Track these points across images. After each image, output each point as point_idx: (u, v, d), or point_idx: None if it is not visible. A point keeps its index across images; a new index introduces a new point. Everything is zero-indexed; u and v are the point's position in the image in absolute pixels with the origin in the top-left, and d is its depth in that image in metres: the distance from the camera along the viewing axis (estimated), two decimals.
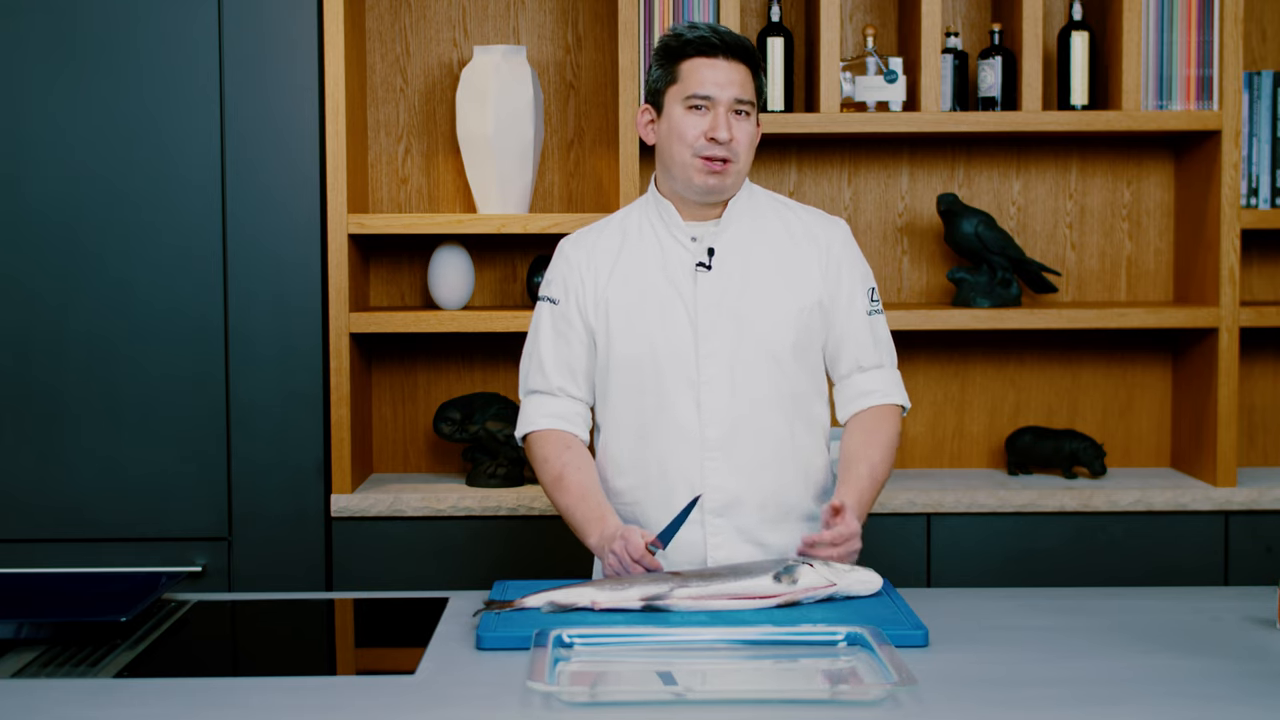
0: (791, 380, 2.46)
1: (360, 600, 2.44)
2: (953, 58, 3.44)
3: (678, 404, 2.43)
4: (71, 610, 2.23)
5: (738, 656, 1.98)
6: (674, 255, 2.47)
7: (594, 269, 2.51)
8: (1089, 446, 3.43)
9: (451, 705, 1.83)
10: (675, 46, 2.44)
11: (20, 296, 3.20)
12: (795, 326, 2.45)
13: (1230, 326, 3.32)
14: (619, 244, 2.52)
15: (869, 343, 2.51)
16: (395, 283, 3.61)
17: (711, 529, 2.44)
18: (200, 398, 3.21)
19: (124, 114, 3.19)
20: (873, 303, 2.52)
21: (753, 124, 2.44)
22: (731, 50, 2.41)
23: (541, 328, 2.54)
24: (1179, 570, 3.27)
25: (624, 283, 2.48)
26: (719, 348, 2.43)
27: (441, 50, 3.58)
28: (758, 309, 2.44)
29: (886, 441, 2.47)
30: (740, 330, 2.43)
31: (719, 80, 2.40)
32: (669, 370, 2.43)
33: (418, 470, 3.62)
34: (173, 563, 3.21)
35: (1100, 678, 1.93)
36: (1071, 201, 3.62)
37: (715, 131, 2.39)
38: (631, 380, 2.46)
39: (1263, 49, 3.61)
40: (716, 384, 2.42)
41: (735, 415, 2.43)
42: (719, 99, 2.40)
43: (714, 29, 2.42)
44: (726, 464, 2.43)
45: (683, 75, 2.42)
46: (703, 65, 2.41)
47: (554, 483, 2.48)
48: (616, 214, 2.60)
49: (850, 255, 2.52)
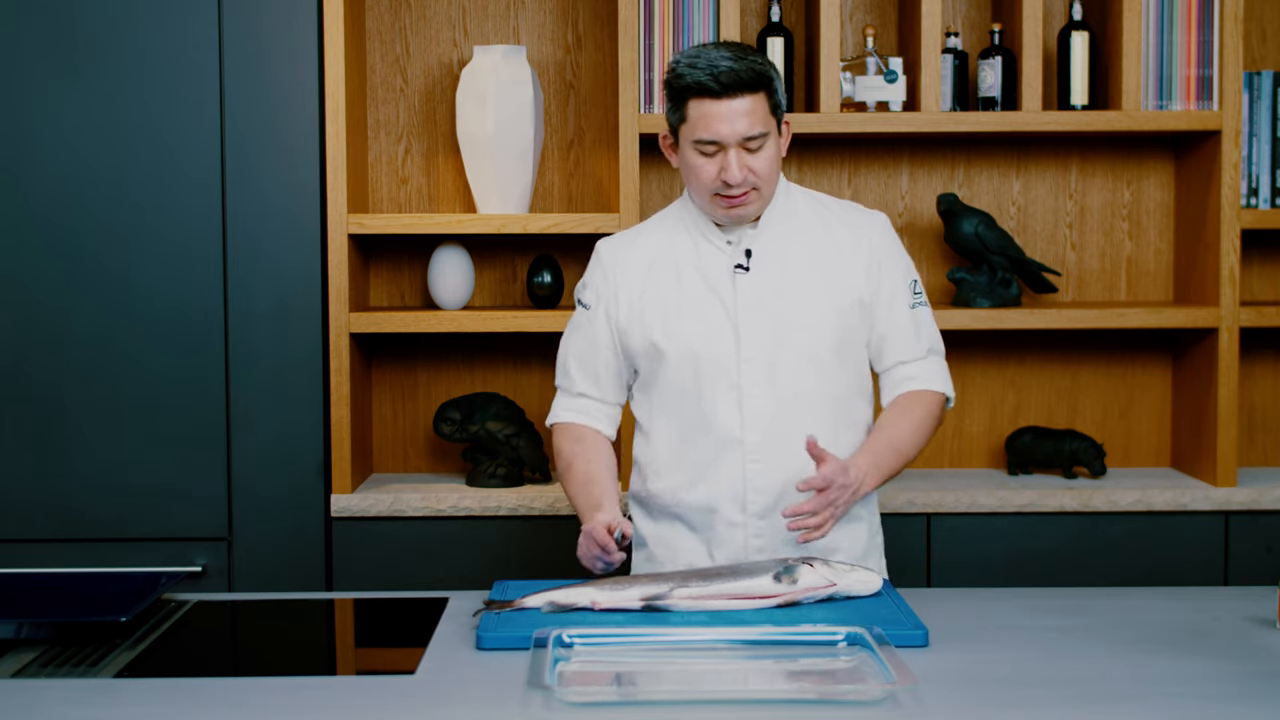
0: (833, 380, 2.44)
1: (360, 600, 2.44)
2: (953, 58, 3.44)
3: (718, 408, 2.42)
4: (71, 610, 2.23)
5: (738, 656, 1.98)
6: (711, 258, 2.45)
7: (628, 275, 2.49)
8: (1089, 446, 3.43)
9: (451, 705, 1.83)
10: (678, 87, 2.36)
11: (20, 296, 3.20)
12: (836, 326, 2.43)
13: (1230, 326, 3.32)
14: (656, 248, 2.50)
15: (912, 336, 2.49)
16: (395, 283, 3.61)
17: (753, 531, 2.43)
18: (200, 398, 3.21)
19: (124, 114, 3.19)
20: (915, 295, 2.50)
21: (771, 147, 2.37)
22: (732, 89, 2.32)
23: (572, 330, 2.56)
24: (1179, 570, 3.27)
25: (661, 287, 2.46)
26: (759, 351, 2.41)
27: (441, 50, 3.58)
28: (797, 310, 2.42)
29: (918, 418, 2.45)
30: (780, 332, 2.41)
31: (725, 121, 2.33)
32: (709, 374, 2.42)
33: (418, 470, 3.62)
34: (173, 563, 3.21)
35: (1100, 678, 1.93)
36: (1071, 201, 3.62)
37: (726, 175, 2.35)
38: (671, 385, 2.45)
39: (1263, 49, 3.61)
40: (757, 387, 2.41)
41: (776, 418, 2.41)
42: (727, 141, 2.34)
43: (713, 67, 2.31)
44: (768, 467, 2.42)
45: (690, 117, 2.36)
46: (707, 108, 2.33)
47: (564, 472, 2.51)
48: (654, 217, 2.58)
49: (890, 248, 2.50)
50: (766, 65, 2.37)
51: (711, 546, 2.47)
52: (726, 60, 2.32)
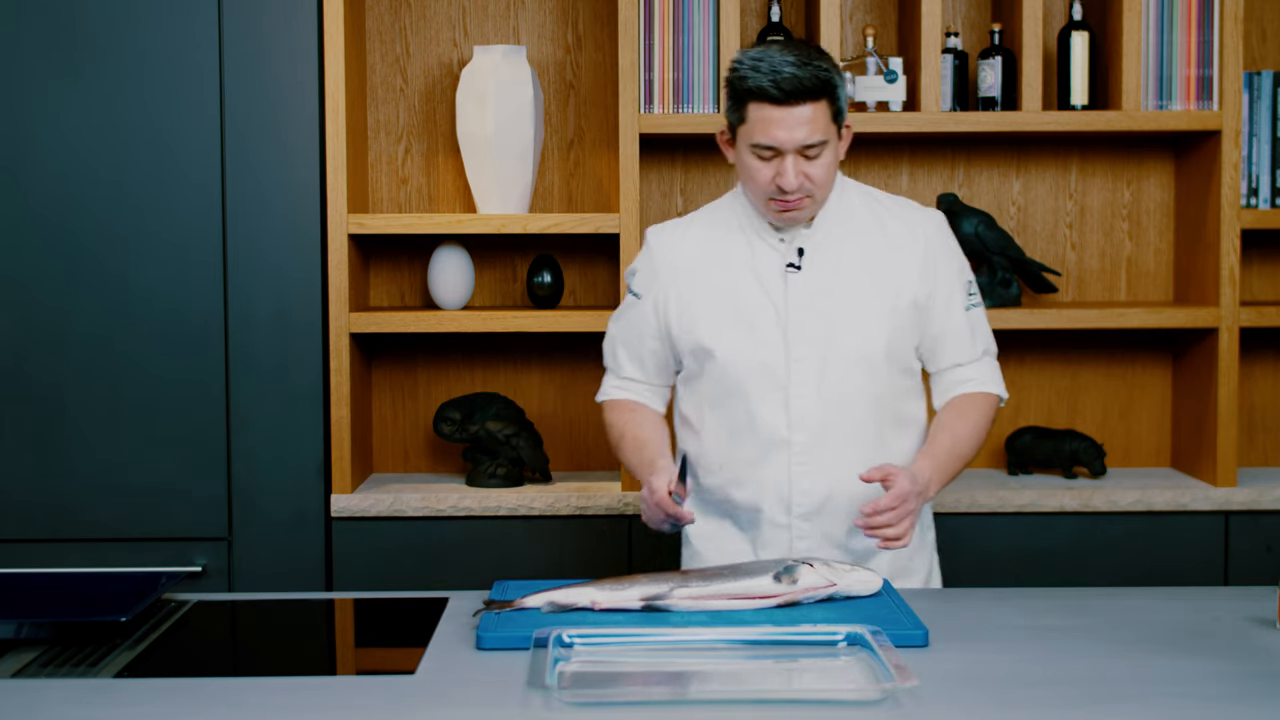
0: (883, 381, 2.43)
1: (360, 600, 2.44)
2: (953, 58, 3.44)
3: (765, 407, 2.41)
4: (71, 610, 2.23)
5: (738, 656, 1.97)
6: (763, 256, 2.44)
7: (678, 270, 2.48)
8: (1089, 446, 3.43)
9: (451, 705, 1.83)
10: (739, 89, 2.33)
11: (20, 296, 3.20)
12: (887, 327, 2.41)
13: (1230, 326, 3.32)
14: (707, 243, 2.48)
15: (968, 338, 2.48)
16: (395, 283, 3.61)
17: (798, 533, 2.43)
18: (200, 398, 3.21)
19: (124, 114, 3.19)
20: (970, 296, 2.48)
21: (829, 154, 2.34)
22: (794, 97, 2.28)
23: (621, 315, 2.57)
24: (1179, 570, 3.27)
25: (712, 285, 2.45)
26: (809, 351, 2.39)
27: (441, 50, 3.58)
28: (849, 311, 2.40)
29: (976, 421, 2.44)
30: (831, 333, 2.40)
31: (784, 129, 2.30)
32: (758, 373, 2.41)
33: (418, 470, 3.62)
34: (173, 563, 3.21)
35: (1100, 678, 1.93)
36: (1071, 201, 3.62)
37: (782, 181, 2.33)
38: (719, 384, 2.44)
39: (1263, 49, 3.61)
40: (805, 388, 2.40)
41: (824, 419, 2.40)
42: (785, 148, 2.32)
43: (776, 72, 2.27)
44: (814, 468, 2.41)
45: (749, 119, 2.33)
46: (767, 113, 2.29)
47: (617, 442, 2.53)
48: (705, 209, 2.56)
49: (946, 249, 2.47)
50: (831, 71, 2.32)
51: (757, 546, 2.48)
52: (790, 66, 2.28)
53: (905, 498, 2.26)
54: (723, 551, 2.50)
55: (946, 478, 2.39)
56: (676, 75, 3.33)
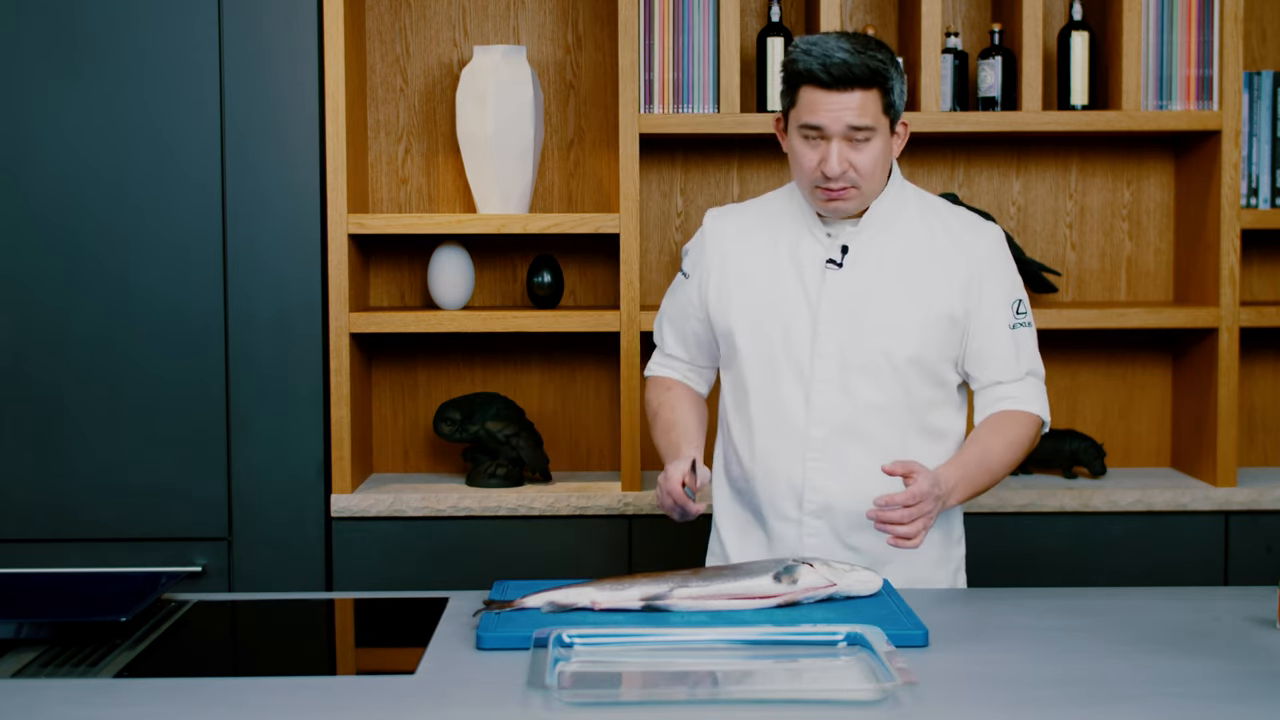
0: (910, 389, 2.42)
1: (360, 600, 2.44)
2: (953, 58, 3.44)
3: (788, 399, 2.43)
4: (71, 610, 2.23)
5: (738, 656, 1.97)
6: (807, 249, 2.45)
7: (724, 251, 2.51)
8: (1089, 446, 3.43)
9: (451, 705, 1.83)
10: (791, 72, 2.35)
11: (20, 296, 3.20)
12: (918, 337, 2.40)
13: (1230, 326, 3.32)
14: (756, 229, 2.50)
15: (1011, 357, 2.45)
16: (395, 283, 3.61)
17: (809, 529, 2.44)
18: (200, 398, 3.21)
19: (124, 114, 3.19)
20: (1018, 315, 2.46)
21: (877, 144, 2.34)
22: (843, 82, 2.29)
23: (672, 292, 2.61)
24: (1179, 570, 3.27)
25: (751, 270, 2.47)
26: (834, 349, 2.40)
27: (441, 50, 3.58)
28: (880, 314, 2.40)
29: (1013, 438, 2.41)
30: (858, 333, 2.40)
31: (830, 111, 2.31)
32: (784, 364, 2.43)
33: (418, 470, 3.62)
34: (173, 563, 3.21)
35: (1100, 678, 1.93)
36: (1071, 201, 3.62)
37: (826, 166, 2.33)
38: (747, 371, 2.47)
39: (1263, 49, 3.61)
40: (828, 384, 2.41)
41: (843, 418, 2.41)
42: (831, 130, 2.32)
43: (827, 57, 2.29)
44: (828, 466, 2.42)
45: (800, 101, 2.34)
46: (815, 96, 2.32)
47: (651, 421, 2.57)
48: (763, 196, 2.59)
49: (997, 266, 2.45)
50: (886, 63, 2.32)
51: (771, 539, 2.49)
52: (843, 52, 2.30)
53: (922, 498, 2.23)
54: (745, 541, 2.53)
55: (972, 489, 2.36)
56: (676, 75, 3.33)
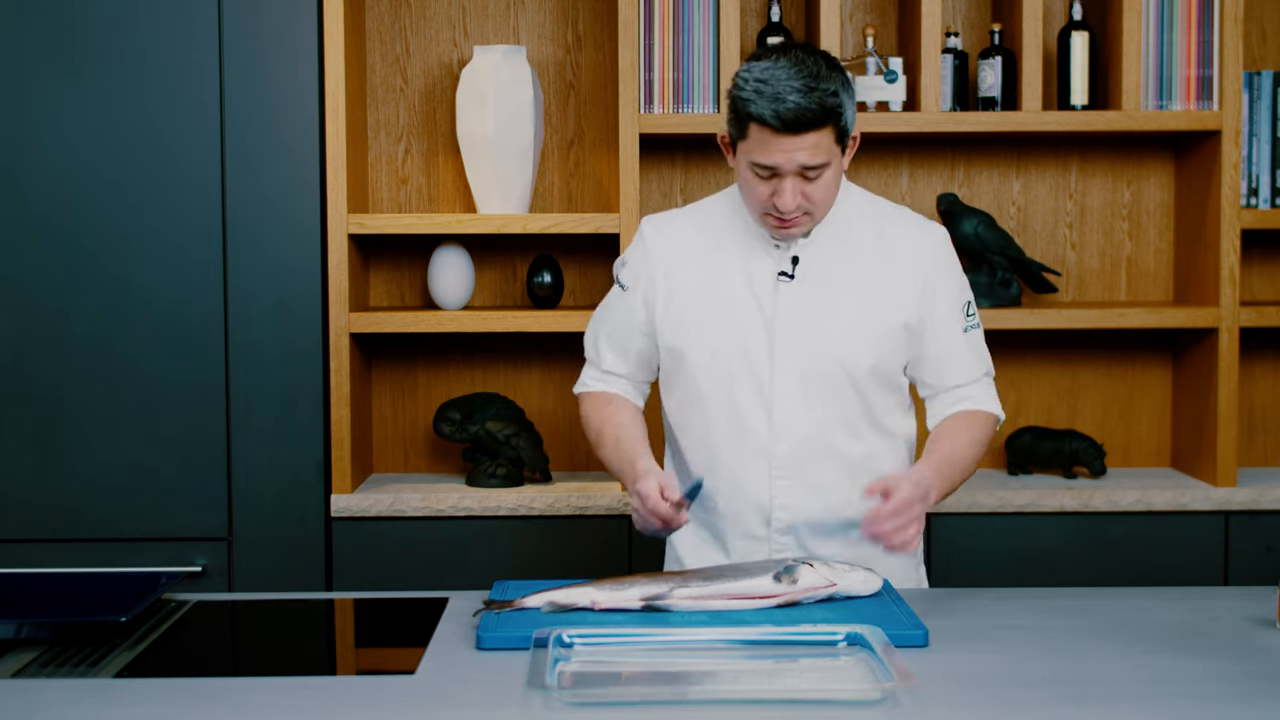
0: (869, 398, 2.38)
1: (360, 600, 2.44)
2: (953, 58, 3.44)
3: (749, 416, 2.37)
4: (71, 610, 2.23)
5: (738, 656, 1.97)
6: (757, 260, 2.38)
7: (669, 264, 2.42)
8: (1089, 446, 3.43)
9: (451, 705, 1.83)
10: (741, 110, 2.25)
11: (20, 296, 3.20)
12: (876, 347, 2.36)
13: (1230, 326, 3.32)
14: (701, 239, 2.42)
15: (970, 362, 2.43)
16: (395, 283, 3.61)
17: (777, 545, 2.39)
18: (200, 398, 3.21)
19: (124, 114, 3.19)
20: (969, 318, 2.43)
21: (830, 173, 2.27)
22: (795, 127, 2.20)
23: (607, 308, 2.52)
24: (1179, 570, 3.27)
25: (701, 284, 2.39)
26: (794, 363, 2.35)
27: (441, 50, 3.58)
28: (838, 326, 2.35)
29: (977, 436, 2.39)
30: (818, 346, 2.35)
31: (784, 153, 2.22)
32: (742, 381, 2.36)
33: (418, 470, 3.62)
34: (173, 563, 3.21)
35: (1100, 678, 1.93)
36: (1071, 201, 3.62)
37: (779, 200, 2.26)
38: (702, 388, 2.39)
39: (1263, 49, 3.61)
40: (789, 399, 2.35)
41: (807, 433, 2.36)
42: (784, 169, 2.24)
43: (779, 101, 2.19)
44: (796, 482, 2.37)
45: (750, 136, 2.25)
46: (767, 136, 2.22)
47: (595, 440, 2.47)
48: (704, 202, 2.49)
49: (944, 269, 2.41)
50: (838, 94, 2.23)
51: (731, 557, 2.43)
52: (795, 94, 2.20)
53: (910, 503, 2.19)
54: (703, 558, 2.46)
55: (947, 485, 2.33)
56: (676, 75, 3.33)
